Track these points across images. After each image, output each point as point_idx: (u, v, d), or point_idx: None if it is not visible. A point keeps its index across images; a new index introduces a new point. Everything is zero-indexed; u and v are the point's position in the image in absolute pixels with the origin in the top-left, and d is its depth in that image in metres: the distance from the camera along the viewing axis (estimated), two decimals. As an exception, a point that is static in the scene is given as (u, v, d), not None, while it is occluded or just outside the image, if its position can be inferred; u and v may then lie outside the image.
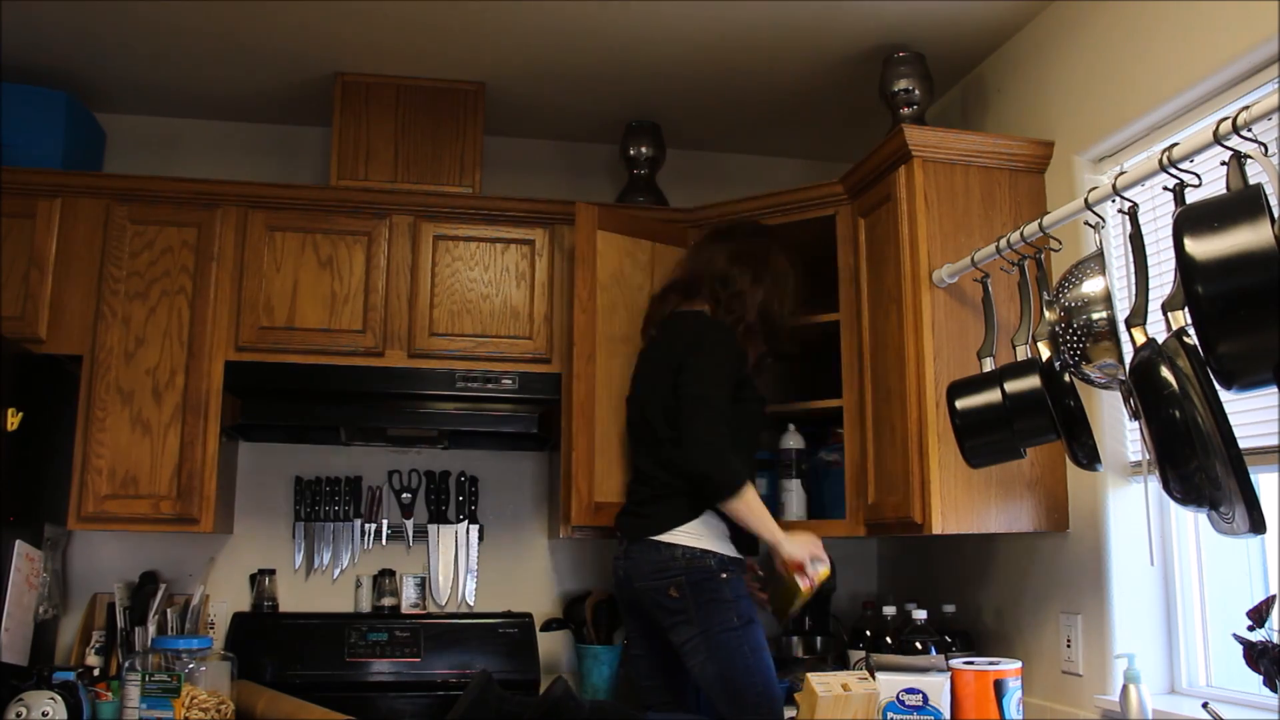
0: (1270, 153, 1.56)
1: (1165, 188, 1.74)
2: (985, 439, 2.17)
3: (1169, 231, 1.52)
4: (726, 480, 2.37)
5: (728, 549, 2.44)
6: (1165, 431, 1.57)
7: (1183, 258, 1.44)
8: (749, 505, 2.39)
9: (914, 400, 2.47)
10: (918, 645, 2.63)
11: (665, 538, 2.41)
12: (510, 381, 2.97)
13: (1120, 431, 2.39)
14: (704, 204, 3.12)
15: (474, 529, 3.29)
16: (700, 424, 2.40)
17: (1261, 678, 1.79)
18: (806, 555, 2.43)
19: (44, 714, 2.38)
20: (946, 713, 2.36)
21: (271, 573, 3.15)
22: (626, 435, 2.75)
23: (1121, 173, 1.87)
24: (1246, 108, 1.57)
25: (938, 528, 2.40)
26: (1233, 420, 1.49)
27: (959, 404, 2.19)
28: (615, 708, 2.72)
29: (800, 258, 2.74)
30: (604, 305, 2.86)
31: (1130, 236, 1.82)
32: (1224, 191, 1.53)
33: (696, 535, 2.41)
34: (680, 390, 2.45)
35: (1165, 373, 1.56)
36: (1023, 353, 2.18)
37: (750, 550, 2.52)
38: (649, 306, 2.79)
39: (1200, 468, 1.52)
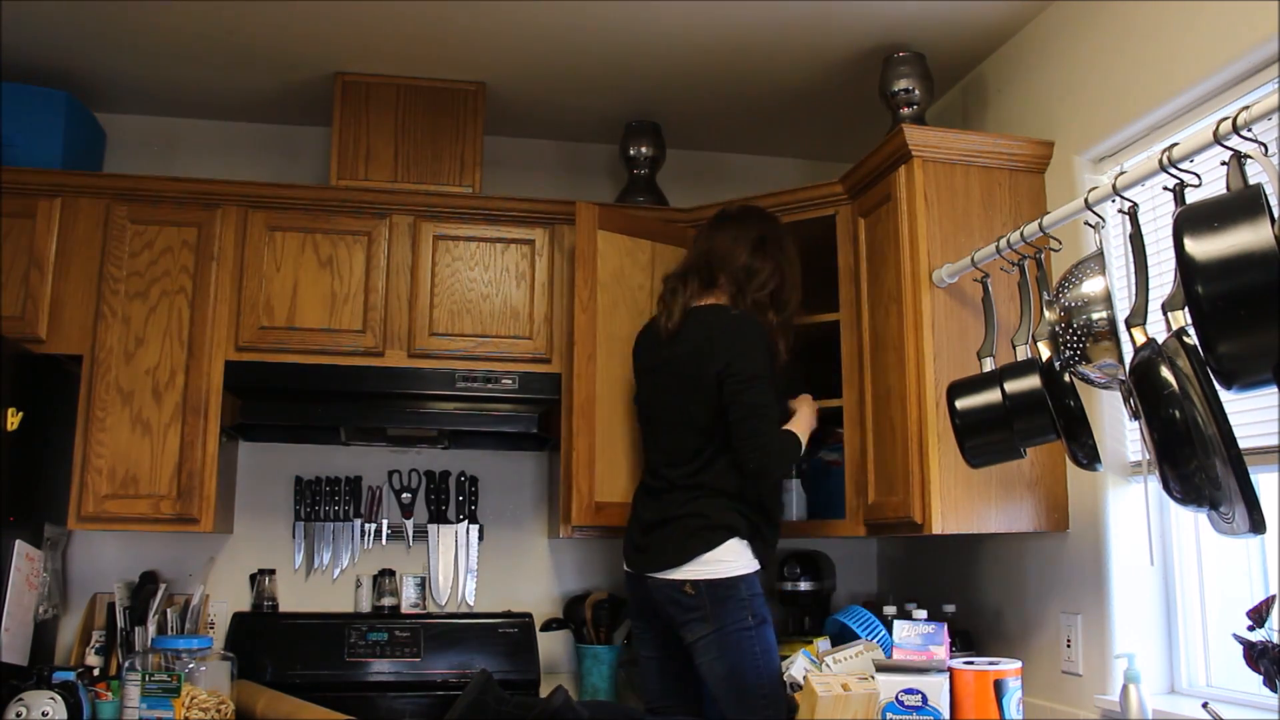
0: (1270, 153, 1.56)
1: (1165, 188, 1.73)
2: (985, 439, 2.16)
3: (1169, 231, 1.52)
4: (793, 461, 2.61)
5: (745, 567, 2.41)
6: (1165, 431, 1.57)
7: (1183, 258, 1.44)
8: (796, 454, 2.57)
9: (914, 400, 2.47)
10: (918, 645, 2.62)
11: (678, 575, 2.40)
12: (510, 381, 2.97)
13: (1120, 431, 2.39)
14: (704, 204, 3.12)
15: (474, 529, 3.29)
16: (760, 432, 2.42)
17: (1261, 678, 1.79)
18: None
19: (44, 714, 2.38)
20: (945, 713, 2.36)
21: (271, 572, 3.15)
22: (642, 437, 2.71)
23: (1121, 173, 1.87)
24: (1246, 108, 1.57)
25: (938, 528, 2.40)
26: (1233, 420, 1.49)
27: (959, 404, 2.19)
28: (614, 710, 2.72)
29: (800, 257, 2.73)
30: (604, 305, 2.85)
31: (1130, 236, 1.82)
32: (1224, 191, 1.53)
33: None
34: (732, 399, 2.44)
35: (1165, 373, 1.56)
36: (1023, 353, 2.18)
37: (771, 547, 2.52)
38: (664, 294, 2.66)
39: (1200, 468, 1.52)
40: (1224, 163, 1.56)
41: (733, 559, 2.39)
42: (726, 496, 2.44)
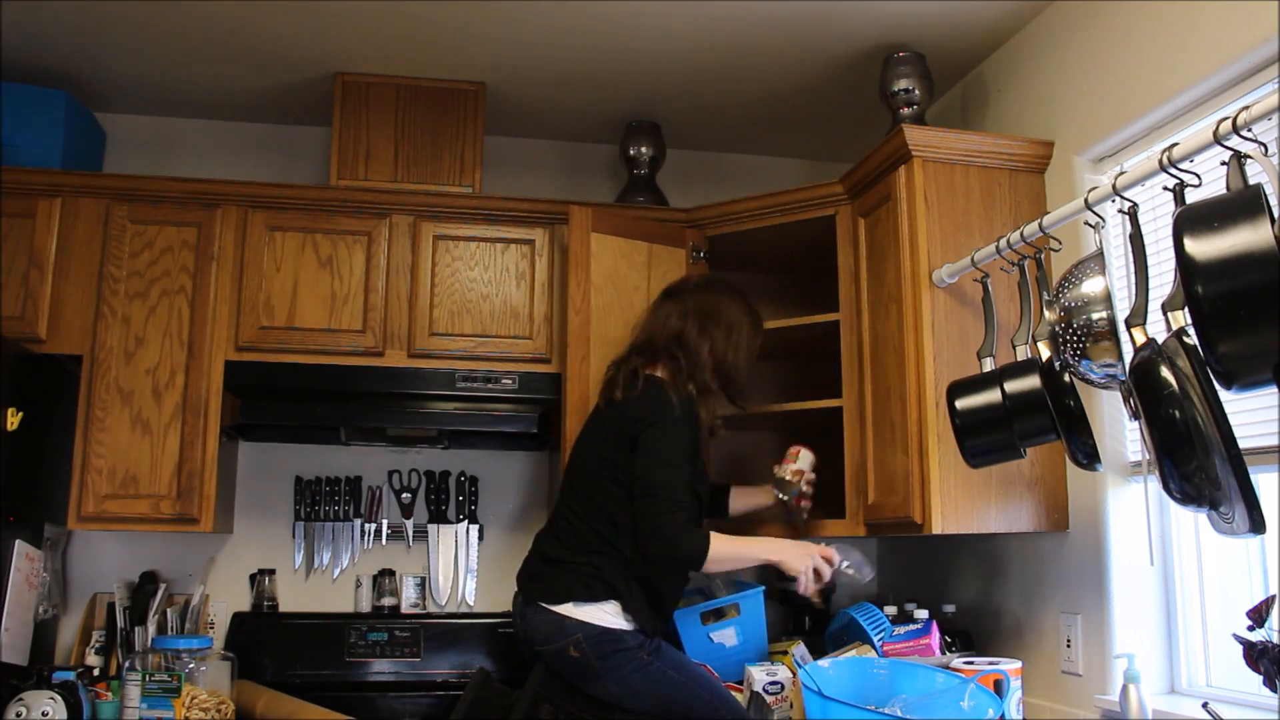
0: (1270, 153, 1.56)
1: (1165, 188, 1.73)
2: (985, 439, 2.17)
3: (1169, 231, 1.52)
4: (694, 554, 2.29)
5: (626, 625, 2.34)
6: (1165, 431, 1.57)
7: (1183, 258, 1.44)
8: (725, 558, 2.34)
9: (914, 400, 2.47)
10: (918, 645, 2.62)
11: (561, 610, 2.33)
12: (510, 381, 2.97)
13: (1120, 431, 2.39)
14: (704, 204, 3.12)
15: (474, 529, 3.30)
16: (661, 513, 2.29)
17: (1261, 678, 1.79)
18: (808, 565, 2.38)
19: (44, 714, 2.38)
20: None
21: (271, 572, 3.15)
22: (564, 476, 2.59)
23: (1121, 173, 1.87)
24: (1246, 108, 1.57)
25: (938, 528, 2.40)
26: (1233, 420, 1.49)
27: (959, 404, 2.19)
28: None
29: (796, 262, 2.69)
30: (599, 306, 2.85)
31: (1130, 236, 1.82)
32: (1224, 191, 1.53)
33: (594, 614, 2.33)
34: (637, 476, 2.34)
35: (1165, 373, 1.56)
36: (1023, 353, 2.18)
37: (658, 618, 2.44)
38: (610, 370, 2.59)
39: (1200, 468, 1.52)
40: (1224, 163, 1.56)
41: (612, 615, 2.32)
42: (619, 562, 2.35)
